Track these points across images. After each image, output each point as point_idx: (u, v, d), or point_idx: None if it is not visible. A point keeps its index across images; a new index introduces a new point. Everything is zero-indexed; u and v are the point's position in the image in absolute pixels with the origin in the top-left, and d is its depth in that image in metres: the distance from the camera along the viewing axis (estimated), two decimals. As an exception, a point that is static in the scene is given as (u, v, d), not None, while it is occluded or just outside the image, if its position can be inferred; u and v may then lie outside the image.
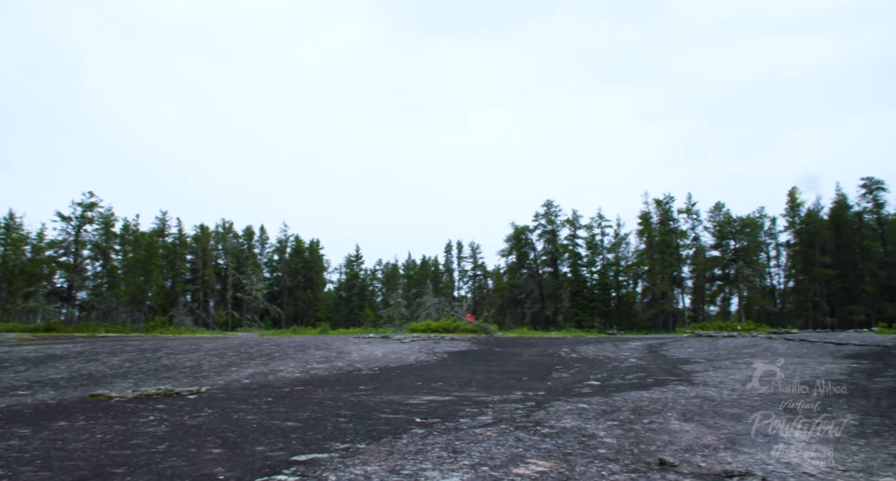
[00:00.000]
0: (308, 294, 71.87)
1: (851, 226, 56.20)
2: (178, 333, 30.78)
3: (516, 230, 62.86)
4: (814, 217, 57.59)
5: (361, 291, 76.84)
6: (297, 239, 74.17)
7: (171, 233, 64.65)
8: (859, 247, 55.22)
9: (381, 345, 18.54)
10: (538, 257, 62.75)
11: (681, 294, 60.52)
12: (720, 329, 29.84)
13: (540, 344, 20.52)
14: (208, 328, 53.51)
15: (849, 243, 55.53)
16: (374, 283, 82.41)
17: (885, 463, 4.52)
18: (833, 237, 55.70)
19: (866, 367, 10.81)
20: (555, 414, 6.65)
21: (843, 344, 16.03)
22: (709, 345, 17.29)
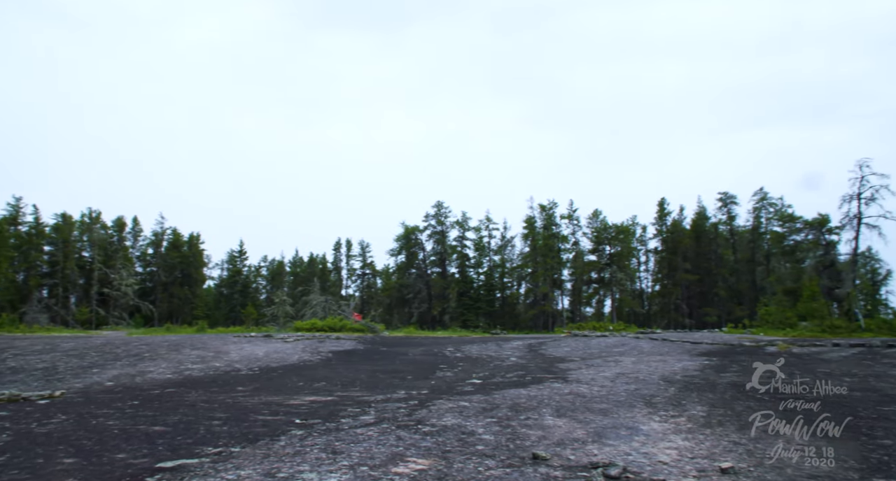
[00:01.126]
0: (185, 290, 67.70)
1: (709, 236, 62.09)
2: (29, 332, 27.78)
3: (406, 230, 63.13)
4: (678, 227, 62.96)
5: (244, 288, 73.56)
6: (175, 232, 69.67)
7: (27, 222, 58.35)
8: (714, 255, 61.14)
9: (263, 345, 17.88)
10: (427, 257, 63.48)
11: (560, 296, 63.77)
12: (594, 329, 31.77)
13: (426, 343, 20.73)
14: (67, 326, 48.76)
15: (706, 251, 61.28)
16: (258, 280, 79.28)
17: (726, 450, 5.02)
18: (694, 245, 61.24)
19: (715, 364, 11.95)
20: (436, 413, 6.75)
21: (698, 343, 17.63)
22: (583, 345, 18.34)
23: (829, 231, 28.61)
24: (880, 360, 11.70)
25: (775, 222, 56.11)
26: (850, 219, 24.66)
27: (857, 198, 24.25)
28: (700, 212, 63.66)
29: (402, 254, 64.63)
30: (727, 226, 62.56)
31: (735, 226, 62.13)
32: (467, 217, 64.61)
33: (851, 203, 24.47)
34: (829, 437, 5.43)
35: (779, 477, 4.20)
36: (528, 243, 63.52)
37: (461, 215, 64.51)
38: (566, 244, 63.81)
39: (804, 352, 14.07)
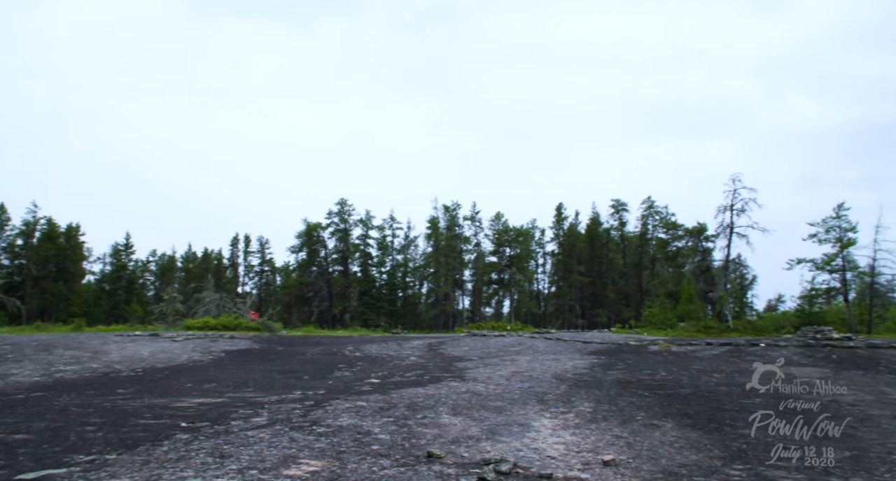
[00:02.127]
0: (60, 286, 62.16)
1: (602, 241, 65.59)
2: None
3: (309, 227, 61.64)
4: (574, 231, 65.97)
5: (130, 284, 68.64)
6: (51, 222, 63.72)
7: None
8: (606, 259, 64.68)
9: (149, 344, 16.81)
10: (329, 255, 62.35)
11: (462, 295, 64.88)
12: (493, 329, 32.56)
13: (325, 342, 20.36)
14: (-87, 324, 43.32)
15: (599, 255, 64.68)
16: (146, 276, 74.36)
17: (609, 443, 5.33)
18: (588, 249, 64.41)
19: (604, 362, 12.63)
20: (333, 413, 6.65)
21: (588, 342, 18.55)
22: (482, 344, 18.75)
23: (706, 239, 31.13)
24: (744, 357, 12.85)
25: (660, 229, 60.16)
26: (723, 228, 26.92)
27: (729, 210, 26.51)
28: (594, 218, 67.00)
29: (303, 251, 63.04)
30: (618, 231, 66.29)
31: (625, 231, 65.97)
32: (371, 215, 64.17)
33: (725, 213, 26.73)
34: (698, 428, 5.91)
35: (654, 468, 4.51)
36: (432, 243, 64.09)
37: (365, 213, 63.94)
38: (468, 245, 64.98)
39: (682, 350, 15.18)
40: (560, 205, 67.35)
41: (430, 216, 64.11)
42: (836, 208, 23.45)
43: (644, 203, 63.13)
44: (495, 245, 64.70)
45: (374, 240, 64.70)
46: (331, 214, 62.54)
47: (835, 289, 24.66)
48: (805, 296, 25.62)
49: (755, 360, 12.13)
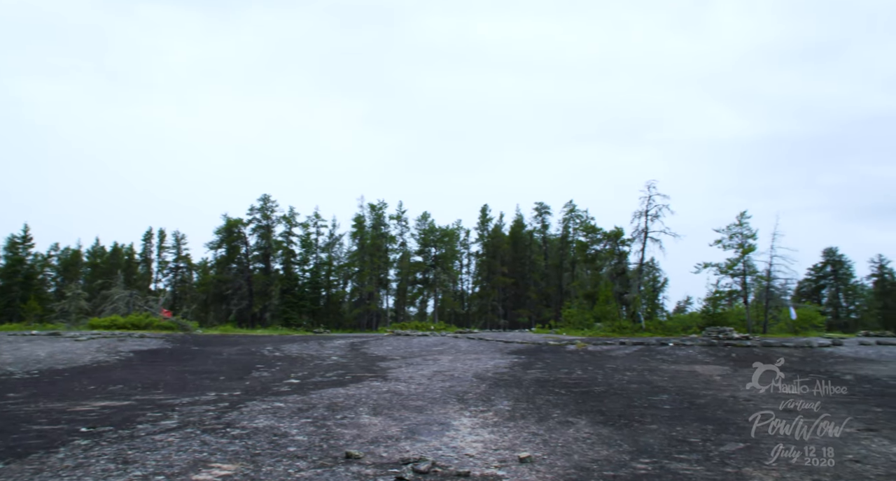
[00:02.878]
0: (-55, 280, 56.93)
1: (524, 242, 67.14)
2: None
3: (229, 222, 59.37)
4: (498, 232, 67.17)
5: (27, 280, 63.66)
6: (-65, 210, 58.22)
7: None
8: (528, 261, 66.28)
9: (48, 344, 15.69)
10: (250, 252, 60.36)
11: (386, 295, 64.55)
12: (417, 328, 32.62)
13: (243, 342, 19.71)
14: None
15: (522, 256, 66.17)
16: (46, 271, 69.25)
17: (526, 440, 5.46)
18: (511, 251, 65.77)
19: (524, 361, 12.93)
20: (248, 415, 6.45)
21: (510, 342, 18.94)
22: (405, 344, 18.74)
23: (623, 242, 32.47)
24: (654, 356, 13.52)
25: (581, 232, 62.27)
26: (639, 232, 28.16)
27: (645, 215, 27.76)
28: (518, 220, 68.49)
29: (222, 247, 60.69)
30: (541, 234, 68.07)
31: (548, 234, 67.83)
32: (295, 212, 62.62)
33: (640, 219, 27.98)
34: (609, 425, 6.16)
35: (567, 463, 4.66)
36: (357, 242, 63.37)
37: (289, 210, 62.31)
38: (394, 244, 64.75)
39: (597, 349, 15.77)
40: (485, 207, 68.39)
41: (356, 214, 63.36)
42: (739, 216, 25.07)
43: (566, 207, 65.11)
44: (421, 245, 64.79)
45: (297, 238, 63.19)
46: (253, 210, 60.58)
47: (736, 292, 26.35)
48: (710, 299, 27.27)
49: (664, 360, 12.77)
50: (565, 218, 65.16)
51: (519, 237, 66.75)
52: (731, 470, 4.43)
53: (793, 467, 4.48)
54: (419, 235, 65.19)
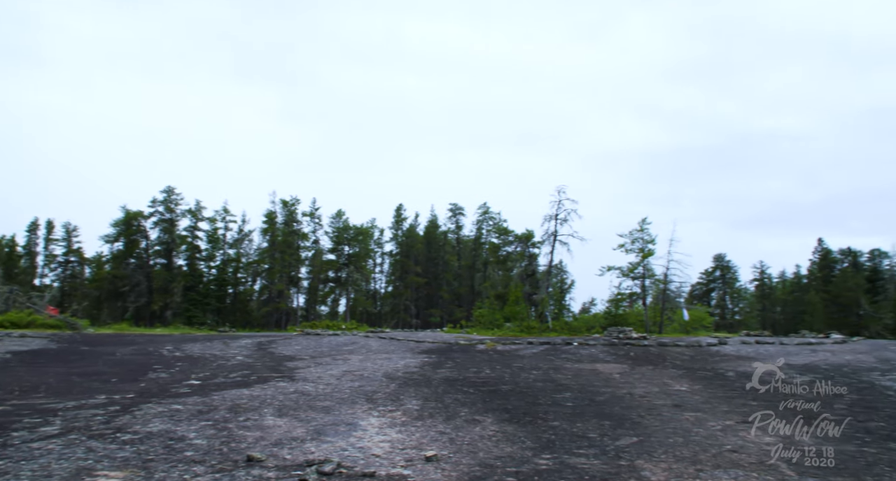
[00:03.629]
0: None
1: (439, 243, 67.78)
2: None
3: (128, 215, 55.71)
4: (413, 232, 67.39)
5: None
6: None
7: None
8: (442, 261, 66.96)
9: None
10: (151, 247, 57.02)
11: (297, 293, 63.06)
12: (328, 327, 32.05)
13: (140, 341, 18.58)
14: None
15: (435, 257, 66.75)
16: None
17: (433, 439, 5.51)
18: (425, 251, 66.18)
19: (434, 361, 13.03)
20: (142, 419, 6.09)
21: (421, 341, 19.02)
22: (315, 343, 18.36)
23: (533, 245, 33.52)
24: (560, 355, 14.03)
25: (493, 234, 63.61)
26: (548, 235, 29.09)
27: (554, 219, 28.72)
28: (433, 221, 68.99)
29: (119, 241, 56.97)
30: (455, 234, 68.93)
31: (462, 235, 68.79)
32: (202, 206, 59.81)
33: (550, 222, 28.91)
34: (514, 422, 6.33)
35: (472, 461, 4.74)
36: (268, 238, 61.47)
37: (195, 203, 59.41)
38: (306, 242, 63.37)
39: (506, 349, 16.15)
40: (400, 207, 68.35)
41: (268, 210, 61.45)
42: (641, 222, 26.48)
43: (480, 208, 66.33)
44: (334, 243, 63.77)
45: (204, 233, 60.38)
46: (155, 203, 57.26)
47: (636, 294, 27.83)
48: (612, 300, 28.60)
49: (568, 359, 13.27)
50: (479, 219, 66.36)
51: (433, 237, 67.24)
52: (624, 463, 4.68)
53: (679, 458, 4.80)
54: (333, 233, 64.15)
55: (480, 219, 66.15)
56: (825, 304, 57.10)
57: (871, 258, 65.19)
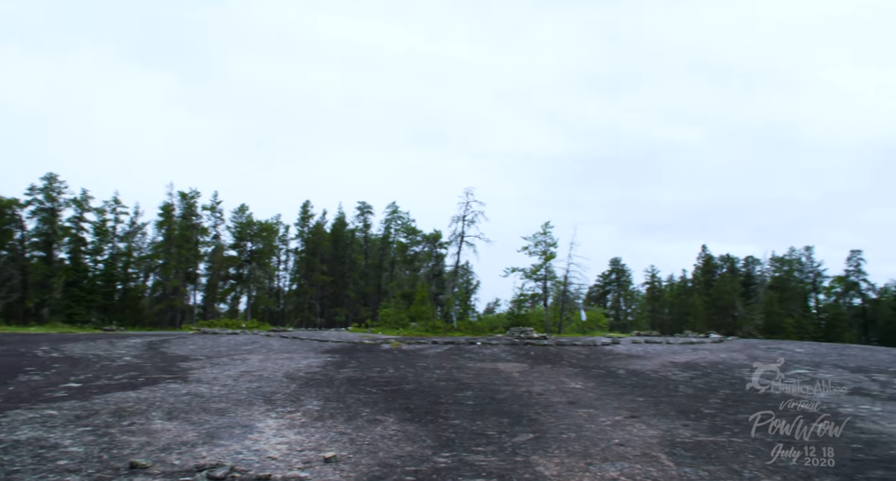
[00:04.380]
0: None
1: (346, 241, 66.88)
2: None
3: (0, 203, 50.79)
4: (320, 230, 66.02)
5: None
6: None
7: None
8: (349, 259, 66.12)
9: None
10: (28, 238, 52.20)
11: (194, 290, 60.00)
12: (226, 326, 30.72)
13: (10, 341, 16.95)
14: None
15: (342, 255, 65.80)
16: None
17: (333, 440, 5.42)
18: (332, 248, 65.05)
19: (338, 360, 12.84)
20: (8, 426, 5.55)
21: (325, 341, 18.67)
22: (212, 342, 17.55)
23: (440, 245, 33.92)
24: (463, 355, 14.26)
25: (402, 234, 63.62)
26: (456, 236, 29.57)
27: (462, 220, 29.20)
28: (340, 218, 67.98)
29: (-11, 230, 51.68)
30: (363, 233, 68.31)
31: (369, 234, 68.28)
32: (89, 195, 55.51)
33: (458, 223, 29.38)
34: (416, 421, 6.36)
35: (372, 461, 4.72)
36: (164, 232, 58.03)
37: (81, 193, 55.05)
38: (206, 237, 60.47)
39: (411, 348, 16.20)
40: (307, 203, 66.80)
41: (164, 202, 58.01)
42: (544, 226, 27.48)
43: (389, 207, 66.17)
44: (236, 238, 61.26)
45: (90, 225, 56.05)
46: (33, 190, 52.48)
47: (538, 295, 28.84)
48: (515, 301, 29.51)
49: (471, 358, 13.49)
50: (387, 219, 66.18)
51: (340, 235, 66.28)
52: (520, 459, 4.82)
53: (571, 453, 5.01)
54: (235, 228, 61.59)
55: (389, 219, 66.00)
56: (706, 306, 61.74)
57: (745, 264, 71.37)
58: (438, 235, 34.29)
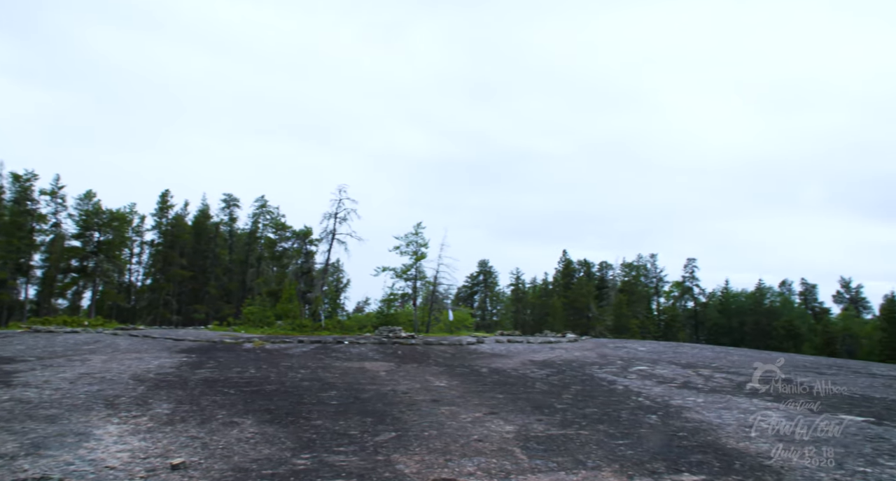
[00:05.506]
0: None
1: (209, 234, 63.05)
2: None
3: None
4: (181, 221, 61.62)
5: None
6: None
7: None
8: (212, 254, 62.40)
9: None
10: None
11: (26, 284, 53.39)
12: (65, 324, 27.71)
13: None
14: None
15: (204, 249, 61.93)
16: None
17: (183, 445, 5.09)
18: (193, 242, 60.99)
19: (194, 360, 12.07)
20: None
21: (181, 340, 17.47)
22: (46, 342, 15.75)
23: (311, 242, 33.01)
24: (330, 354, 14.01)
25: (270, 229, 61.21)
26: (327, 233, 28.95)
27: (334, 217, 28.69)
28: (204, 210, 64.04)
29: None
30: (228, 226, 64.84)
31: (235, 227, 64.98)
32: None
33: (330, 220, 28.81)
34: (276, 423, 6.15)
35: (226, 466, 4.49)
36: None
37: None
38: (44, 224, 54.15)
39: (275, 347, 15.63)
40: (166, 193, 62.21)
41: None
42: (416, 226, 27.77)
43: (257, 201, 63.41)
44: (81, 228, 55.43)
45: None
46: None
47: (408, 295, 29.09)
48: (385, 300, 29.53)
49: (338, 358, 13.30)
50: (256, 213, 63.44)
51: (203, 228, 62.44)
52: (381, 458, 4.83)
53: (432, 450, 5.11)
54: (80, 216, 55.76)
55: (257, 213, 63.24)
56: (565, 308, 65.76)
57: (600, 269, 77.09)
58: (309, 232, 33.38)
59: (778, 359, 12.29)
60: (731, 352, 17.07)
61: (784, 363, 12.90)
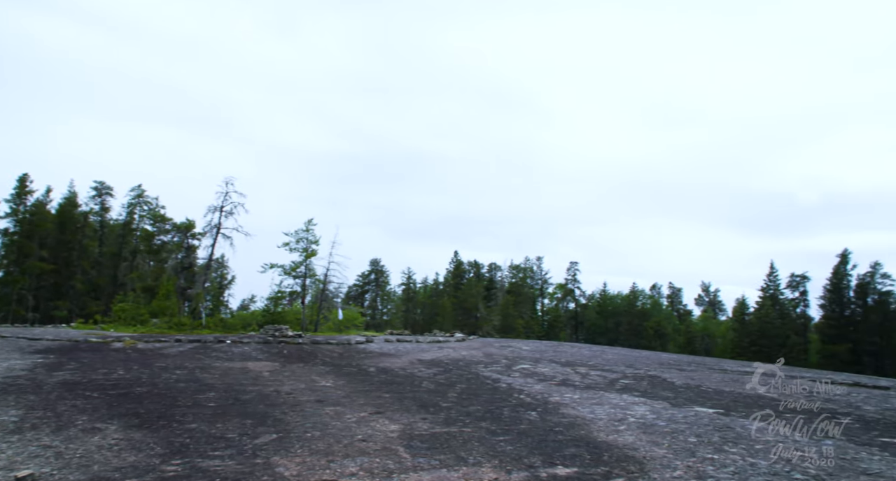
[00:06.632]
0: None
1: (76, 224, 57.57)
2: None
3: None
4: (42, 209, 55.75)
5: None
6: None
7: None
8: (79, 245, 57.01)
9: None
10: None
11: None
12: None
13: None
14: None
15: (70, 240, 56.46)
16: None
17: (32, 456, 4.61)
18: (56, 232, 55.41)
19: (52, 362, 11.00)
20: None
21: (37, 339, 15.86)
22: None
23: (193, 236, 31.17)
24: (210, 354, 13.31)
25: (148, 220, 57.09)
26: (211, 227, 27.52)
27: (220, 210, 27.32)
28: (70, 198, 58.51)
29: None
30: (99, 216, 59.75)
31: (108, 218, 59.98)
32: None
33: (215, 213, 27.39)
34: (145, 428, 5.74)
35: (83, 476, 4.12)
36: None
37: None
38: None
39: (149, 347, 14.61)
40: (25, 177, 56.09)
41: None
42: (307, 223, 27.07)
43: (133, 190, 58.86)
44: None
45: None
46: None
47: (296, 293, 28.27)
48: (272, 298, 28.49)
49: (219, 357, 12.67)
50: (131, 203, 58.91)
51: (70, 217, 57.06)
52: (260, 461, 4.66)
53: (314, 451, 4.99)
54: (-85, 198, 48.96)
55: (133, 203, 58.69)
56: (454, 307, 66.91)
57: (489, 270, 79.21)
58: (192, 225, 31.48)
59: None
60: (606, 351, 18.20)
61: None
